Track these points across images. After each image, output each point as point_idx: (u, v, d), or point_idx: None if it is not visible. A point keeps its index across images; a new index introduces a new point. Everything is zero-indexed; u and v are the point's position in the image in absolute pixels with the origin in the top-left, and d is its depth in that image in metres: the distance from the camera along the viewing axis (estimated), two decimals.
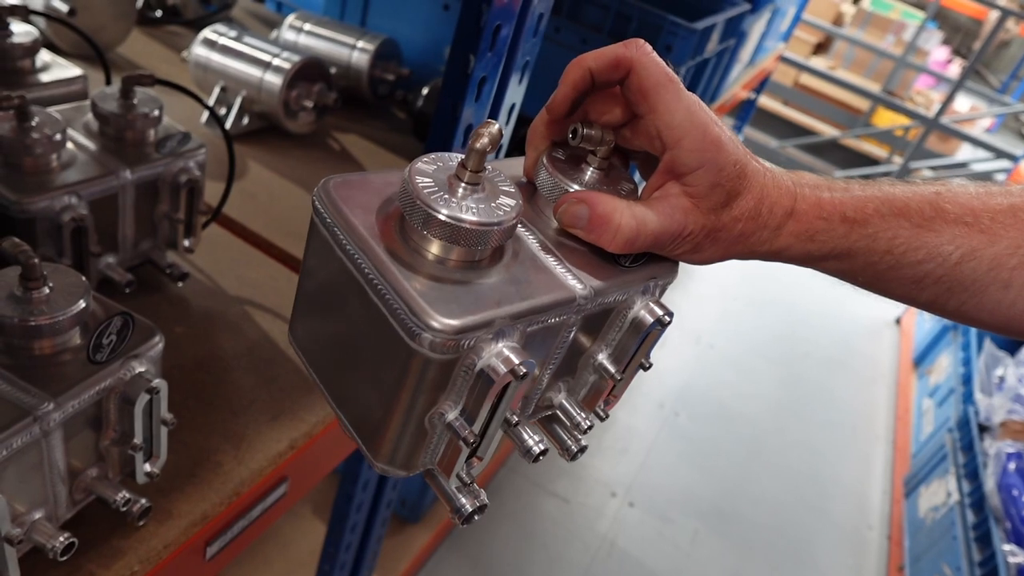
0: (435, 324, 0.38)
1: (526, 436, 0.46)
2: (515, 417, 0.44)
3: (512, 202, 0.43)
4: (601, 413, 0.53)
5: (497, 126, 0.42)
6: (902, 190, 0.50)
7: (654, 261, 0.50)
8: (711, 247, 0.50)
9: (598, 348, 0.50)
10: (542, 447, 0.46)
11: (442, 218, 0.40)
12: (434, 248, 0.42)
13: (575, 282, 0.46)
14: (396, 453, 0.44)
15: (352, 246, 0.42)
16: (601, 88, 0.50)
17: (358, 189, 0.45)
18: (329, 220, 0.43)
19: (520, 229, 0.48)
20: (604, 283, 0.47)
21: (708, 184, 0.48)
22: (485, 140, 0.41)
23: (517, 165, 0.54)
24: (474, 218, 0.40)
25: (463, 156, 0.43)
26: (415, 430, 0.43)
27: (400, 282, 0.40)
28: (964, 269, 0.48)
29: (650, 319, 0.48)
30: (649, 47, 0.47)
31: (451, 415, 0.43)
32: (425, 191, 0.41)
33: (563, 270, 0.47)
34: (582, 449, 0.51)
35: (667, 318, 0.49)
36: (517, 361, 0.41)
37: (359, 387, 0.45)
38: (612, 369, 0.50)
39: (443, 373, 0.41)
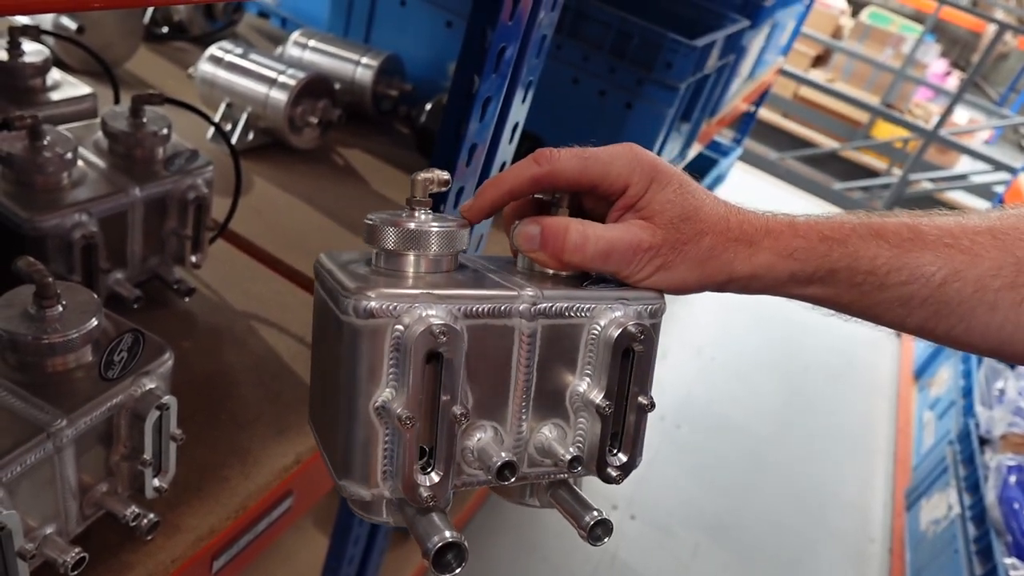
0: (359, 292, 0.43)
1: (488, 448, 0.46)
2: (460, 409, 0.44)
3: (458, 220, 0.50)
4: (612, 472, 0.50)
5: (444, 175, 0.50)
6: (878, 216, 0.51)
7: (626, 288, 0.51)
8: (681, 264, 0.50)
9: (580, 379, 0.49)
10: (504, 458, 0.45)
11: (410, 226, 0.47)
12: (394, 264, 0.48)
13: (526, 290, 0.47)
14: (352, 458, 0.45)
15: (330, 279, 0.47)
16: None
17: (345, 256, 0.51)
18: (321, 275, 0.49)
19: (491, 276, 0.51)
20: (557, 291, 0.48)
21: (660, 202, 0.50)
22: (426, 174, 0.49)
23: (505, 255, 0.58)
24: (434, 226, 0.47)
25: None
26: (363, 423, 0.44)
27: (348, 275, 0.45)
28: (949, 291, 0.48)
29: (616, 333, 0.48)
30: (552, 152, 0.51)
31: (386, 397, 0.44)
32: (387, 217, 0.48)
33: (518, 281, 0.48)
34: (600, 523, 0.48)
35: (634, 329, 0.48)
36: (436, 322, 0.43)
37: (327, 406, 0.48)
38: (598, 399, 0.48)
39: (373, 344, 0.43)
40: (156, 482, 0.66)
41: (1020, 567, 2.09)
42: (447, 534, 0.43)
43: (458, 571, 0.44)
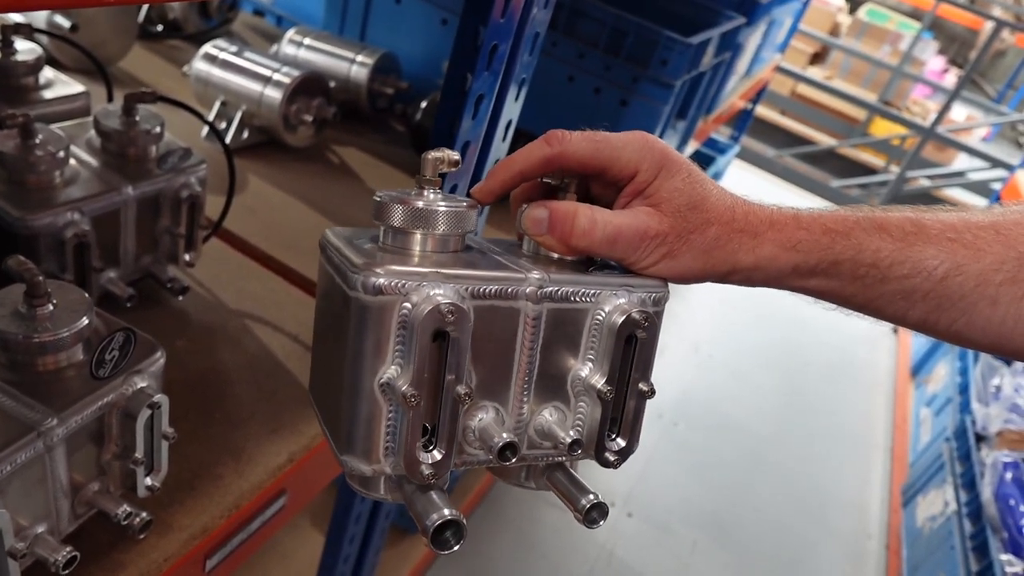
0: (367, 268, 0.43)
1: (490, 426, 0.46)
2: (464, 389, 0.44)
3: (467, 201, 0.49)
4: (610, 456, 0.51)
5: (455, 155, 0.49)
6: (880, 210, 0.52)
7: (631, 275, 0.51)
8: (687, 253, 0.50)
9: (582, 363, 0.50)
10: (506, 438, 0.46)
11: (419, 204, 0.47)
12: (401, 241, 0.48)
13: (533, 272, 0.47)
14: (354, 434, 0.45)
15: (337, 255, 0.47)
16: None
17: (351, 232, 0.52)
18: (328, 250, 0.49)
19: (498, 257, 0.51)
20: (563, 275, 0.48)
21: (668, 190, 0.50)
22: (436, 153, 0.48)
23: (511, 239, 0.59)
24: (442, 205, 0.47)
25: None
26: (367, 399, 0.44)
27: (355, 251, 0.46)
28: (951, 284, 0.49)
29: (620, 319, 0.48)
30: (564, 133, 0.51)
31: (391, 374, 0.44)
32: (396, 195, 0.48)
33: (525, 264, 0.49)
34: (596, 507, 0.49)
35: (638, 316, 0.48)
36: (444, 301, 0.43)
37: (331, 381, 0.48)
38: (599, 384, 0.49)
39: (380, 321, 0.43)
40: (148, 481, 0.66)
41: (1016, 563, 2.09)
42: (446, 511, 0.44)
43: (456, 548, 0.44)
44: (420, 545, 1.99)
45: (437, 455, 0.46)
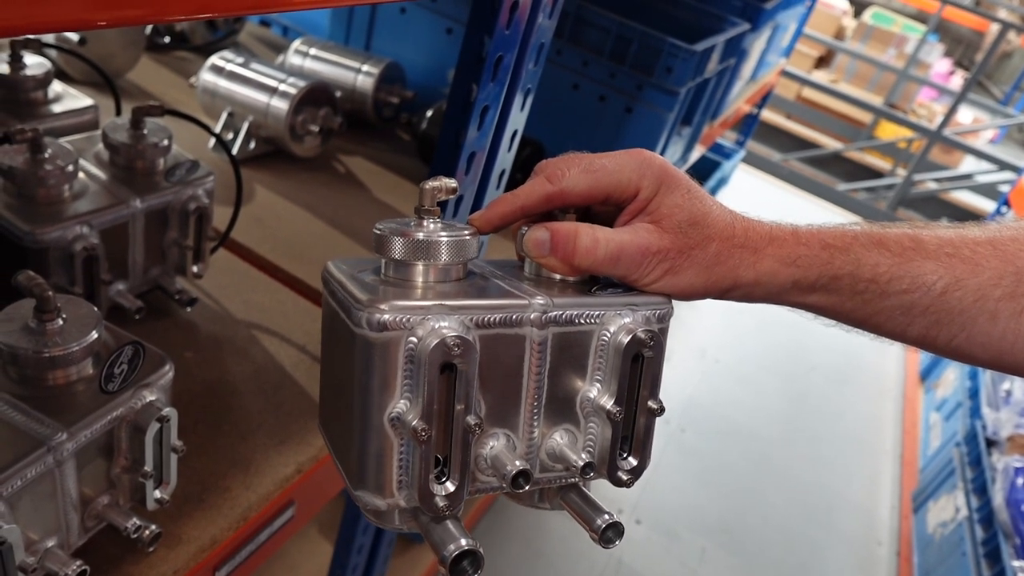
0: (371, 304, 0.43)
1: (501, 454, 0.46)
2: (474, 419, 0.44)
3: (468, 229, 0.49)
4: (623, 476, 0.50)
5: (452, 183, 0.49)
6: (879, 226, 0.52)
7: (634, 293, 0.51)
8: (689, 269, 0.50)
9: (590, 385, 0.49)
10: (519, 467, 0.46)
11: (419, 236, 0.47)
12: (403, 273, 0.48)
13: (537, 298, 0.47)
14: (367, 469, 0.45)
15: (340, 290, 0.46)
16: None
17: (353, 263, 0.51)
18: (330, 284, 0.49)
19: (500, 283, 0.51)
20: (567, 299, 0.48)
21: (668, 206, 0.50)
22: (434, 182, 0.48)
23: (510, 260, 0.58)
24: (444, 236, 0.47)
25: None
26: (377, 434, 0.44)
27: (359, 286, 0.45)
28: (950, 299, 0.49)
29: (626, 339, 0.48)
30: (563, 170, 0.51)
31: (400, 408, 0.43)
32: (395, 226, 0.48)
33: (528, 289, 0.48)
34: (612, 527, 0.48)
35: (643, 335, 0.48)
36: (450, 334, 0.42)
37: (340, 416, 0.48)
38: (609, 405, 0.48)
39: (386, 356, 0.43)
40: (157, 494, 0.67)
41: None
42: (463, 542, 0.44)
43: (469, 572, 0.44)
44: (428, 554, 1.99)
45: (450, 486, 0.45)
